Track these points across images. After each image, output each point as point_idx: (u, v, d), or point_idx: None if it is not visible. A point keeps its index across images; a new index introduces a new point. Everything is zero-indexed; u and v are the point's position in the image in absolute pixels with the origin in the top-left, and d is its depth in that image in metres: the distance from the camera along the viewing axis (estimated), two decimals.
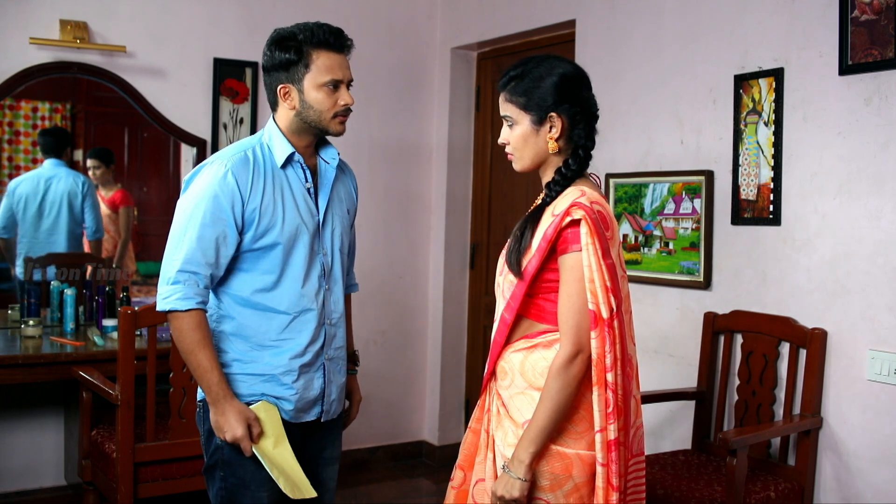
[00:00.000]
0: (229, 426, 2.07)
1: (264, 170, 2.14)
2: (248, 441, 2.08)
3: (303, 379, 2.18)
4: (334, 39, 2.13)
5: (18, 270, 3.94)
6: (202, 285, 2.08)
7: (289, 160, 2.17)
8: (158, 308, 2.10)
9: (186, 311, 2.06)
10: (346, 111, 2.17)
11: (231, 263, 2.14)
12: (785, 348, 3.03)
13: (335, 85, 2.13)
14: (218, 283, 2.16)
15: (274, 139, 2.18)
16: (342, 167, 2.33)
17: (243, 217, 2.10)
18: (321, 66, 2.11)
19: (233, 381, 2.15)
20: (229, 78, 4.13)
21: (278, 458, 2.12)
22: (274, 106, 2.21)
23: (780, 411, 3.02)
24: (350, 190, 2.37)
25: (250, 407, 2.13)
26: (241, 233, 2.11)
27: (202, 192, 2.09)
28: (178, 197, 2.17)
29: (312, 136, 2.20)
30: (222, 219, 2.07)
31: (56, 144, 4.01)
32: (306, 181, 2.20)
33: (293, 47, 2.11)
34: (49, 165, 4.00)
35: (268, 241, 2.12)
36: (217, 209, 2.07)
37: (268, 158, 2.16)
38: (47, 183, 3.99)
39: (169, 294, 2.07)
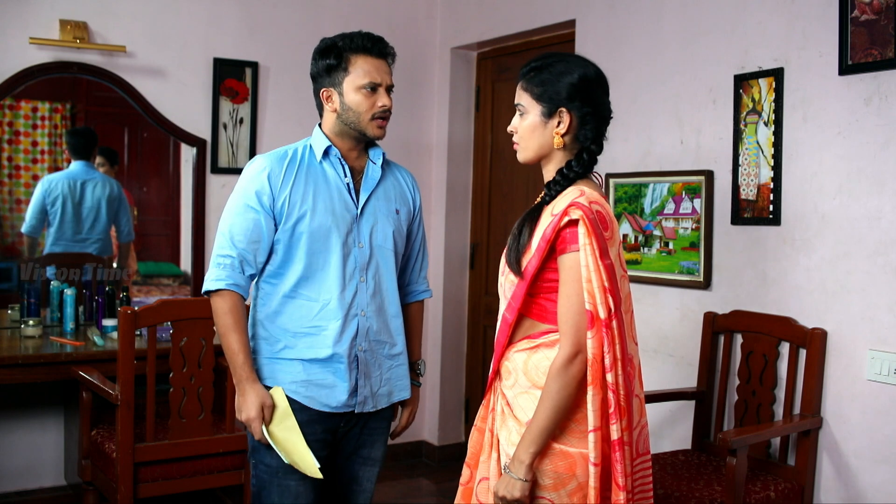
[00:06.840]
0: (245, 408, 2.20)
1: (299, 164, 2.27)
2: (259, 423, 2.18)
3: (328, 368, 2.24)
4: (373, 45, 2.26)
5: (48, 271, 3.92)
6: (237, 270, 2.21)
7: (326, 154, 2.28)
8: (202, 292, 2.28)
9: (217, 290, 2.20)
10: (384, 114, 2.26)
11: (269, 252, 2.26)
12: (785, 348, 3.03)
13: (373, 88, 2.24)
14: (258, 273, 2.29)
15: (315, 138, 2.31)
16: (392, 167, 2.43)
17: (274, 207, 2.22)
18: (359, 69, 2.24)
19: (263, 366, 2.26)
20: (229, 78, 4.13)
21: (285, 440, 2.20)
22: (320, 111, 2.33)
23: (779, 411, 3.02)
24: (404, 189, 2.44)
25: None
26: (276, 222, 2.23)
27: (238, 187, 2.27)
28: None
29: (355, 139, 2.30)
30: (252, 207, 2.21)
31: (85, 145, 4.03)
32: (345, 175, 2.29)
33: (334, 53, 2.24)
34: (80, 168, 4.01)
35: (299, 230, 2.23)
36: (248, 199, 2.22)
37: (306, 154, 2.29)
38: (83, 186, 4.00)
39: (207, 278, 2.24)
